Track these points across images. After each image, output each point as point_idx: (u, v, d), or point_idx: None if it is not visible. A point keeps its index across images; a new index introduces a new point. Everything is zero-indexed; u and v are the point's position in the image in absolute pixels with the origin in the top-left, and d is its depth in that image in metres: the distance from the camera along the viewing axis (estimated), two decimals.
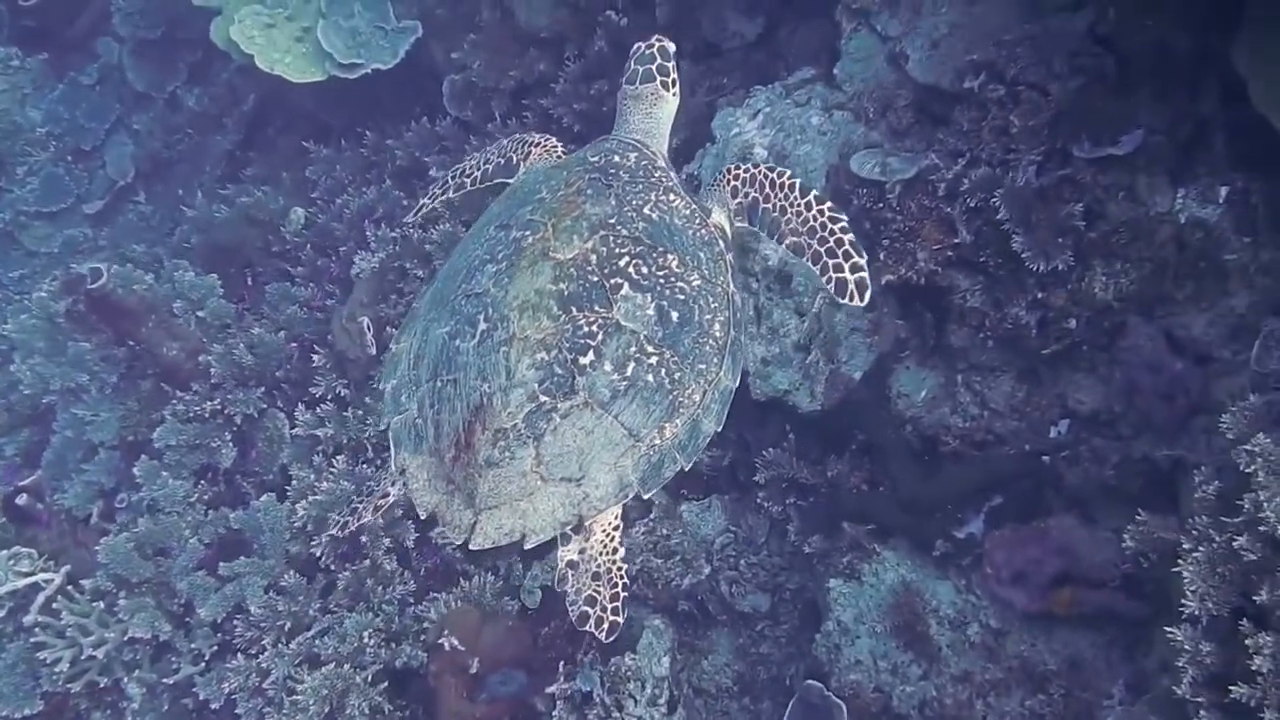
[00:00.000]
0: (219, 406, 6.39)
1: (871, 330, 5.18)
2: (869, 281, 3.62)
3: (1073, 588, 4.60)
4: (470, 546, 3.32)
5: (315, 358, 6.28)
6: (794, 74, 5.75)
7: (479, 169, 4.37)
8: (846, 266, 3.64)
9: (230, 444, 6.39)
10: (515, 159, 4.26)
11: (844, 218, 3.70)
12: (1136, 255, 4.65)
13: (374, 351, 6.07)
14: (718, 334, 3.54)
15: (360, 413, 6.08)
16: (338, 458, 6.03)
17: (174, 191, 9.26)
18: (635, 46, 4.15)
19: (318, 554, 5.68)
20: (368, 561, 5.64)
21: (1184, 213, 4.67)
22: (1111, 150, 4.68)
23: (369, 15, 7.43)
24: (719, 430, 3.52)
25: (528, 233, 3.54)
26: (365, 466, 5.97)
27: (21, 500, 6.07)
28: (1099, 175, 4.72)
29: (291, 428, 6.31)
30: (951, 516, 5.00)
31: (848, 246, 3.66)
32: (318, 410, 6.20)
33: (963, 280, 4.94)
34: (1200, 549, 3.83)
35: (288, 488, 6.08)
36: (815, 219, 3.72)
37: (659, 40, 4.13)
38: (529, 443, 3.28)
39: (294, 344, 6.55)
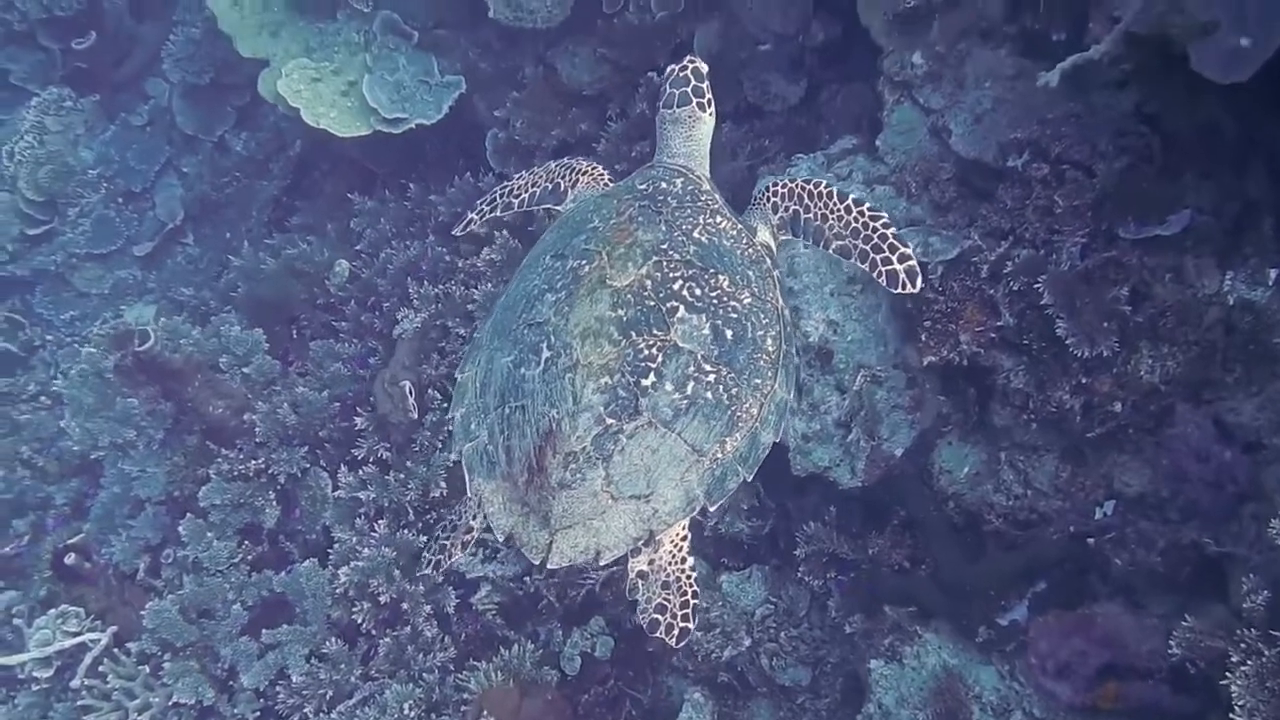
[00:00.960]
0: (263, 465, 6.45)
1: (913, 407, 5.13)
2: (918, 269, 3.74)
3: (1118, 682, 4.53)
4: (549, 565, 3.43)
5: (358, 420, 6.30)
6: (836, 142, 5.72)
7: (527, 191, 4.48)
8: (895, 258, 3.77)
9: (274, 503, 6.45)
10: (563, 185, 4.38)
11: (884, 214, 3.82)
12: (1184, 338, 4.58)
13: (415, 415, 6.10)
14: (770, 349, 3.65)
15: (402, 476, 6.10)
16: (379, 522, 6.06)
17: (221, 234, 9.37)
18: (669, 69, 4.23)
19: (359, 620, 5.70)
20: (409, 628, 5.66)
21: (1232, 295, 4.59)
22: (1158, 231, 4.61)
23: (413, 69, 7.48)
24: (777, 440, 3.62)
25: (584, 261, 3.64)
26: (406, 531, 6.00)
27: (70, 559, 6.16)
28: (1145, 256, 4.65)
29: (334, 488, 6.34)
30: (994, 602, 4.94)
31: (892, 240, 3.79)
32: (360, 473, 6.23)
33: (1006, 360, 4.88)
34: (1249, 662, 3.76)
35: (330, 551, 6.11)
36: (856, 220, 3.86)
37: (692, 61, 4.20)
38: (598, 464, 3.38)
39: (337, 403, 6.57)
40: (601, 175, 4.39)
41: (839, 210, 3.89)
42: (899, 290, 3.75)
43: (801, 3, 6.26)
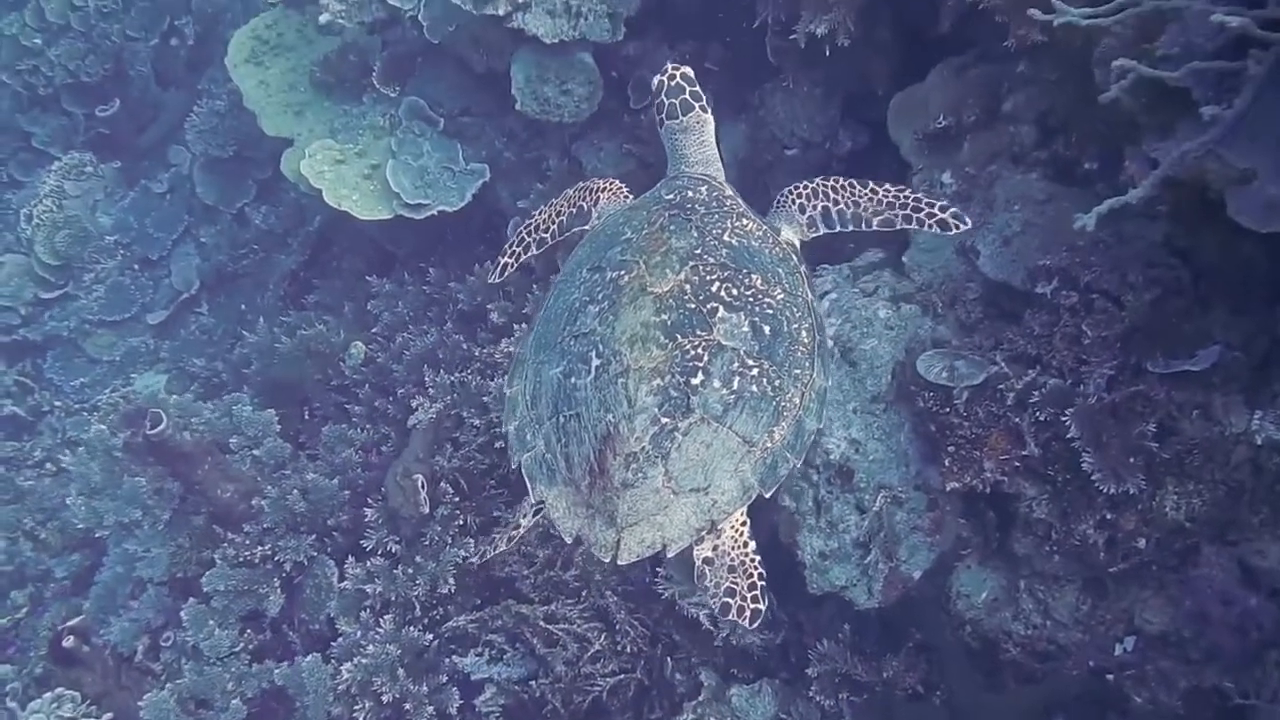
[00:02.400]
0: (269, 552, 6.37)
1: (933, 529, 5.07)
2: (960, 211, 4.26)
3: None
4: (619, 562, 3.62)
5: (368, 511, 6.23)
6: (862, 254, 5.70)
7: (554, 222, 4.67)
8: (937, 209, 4.27)
9: (279, 590, 6.37)
10: (586, 206, 4.59)
11: (905, 187, 4.32)
12: (1210, 477, 4.52)
13: (426, 510, 6.04)
14: (805, 340, 3.90)
15: (410, 571, 6.02)
16: (385, 616, 5.97)
17: (237, 305, 9.37)
18: (657, 82, 4.43)
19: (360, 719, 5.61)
20: None
21: (1260, 434, 4.52)
22: (1186, 366, 4.56)
23: (438, 155, 7.50)
24: (820, 427, 3.91)
25: (623, 272, 3.85)
26: (412, 629, 5.91)
27: (68, 642, 6.06)
28: (1173, 391, 4.60)
29: (340, 579, 6.26)
30: None
31: (926, 200, 4.28)
32: (368, 564, 6.16)
33: (1029, 488, 4.82)
34: None
35: (333, 644, 6.03)
36: (886, 195, 4.32)
37: (675, 67, 4.43)
38: (658, 462, 3.58)
39: (347, 491, 6.51)
40: (620, 189, 4.61)
41: (865, 194, 4.32)
42: (954, 232, 4.26)
43: (829, 110, 6.28)
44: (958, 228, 4.23)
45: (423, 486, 6.05)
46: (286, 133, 8.03)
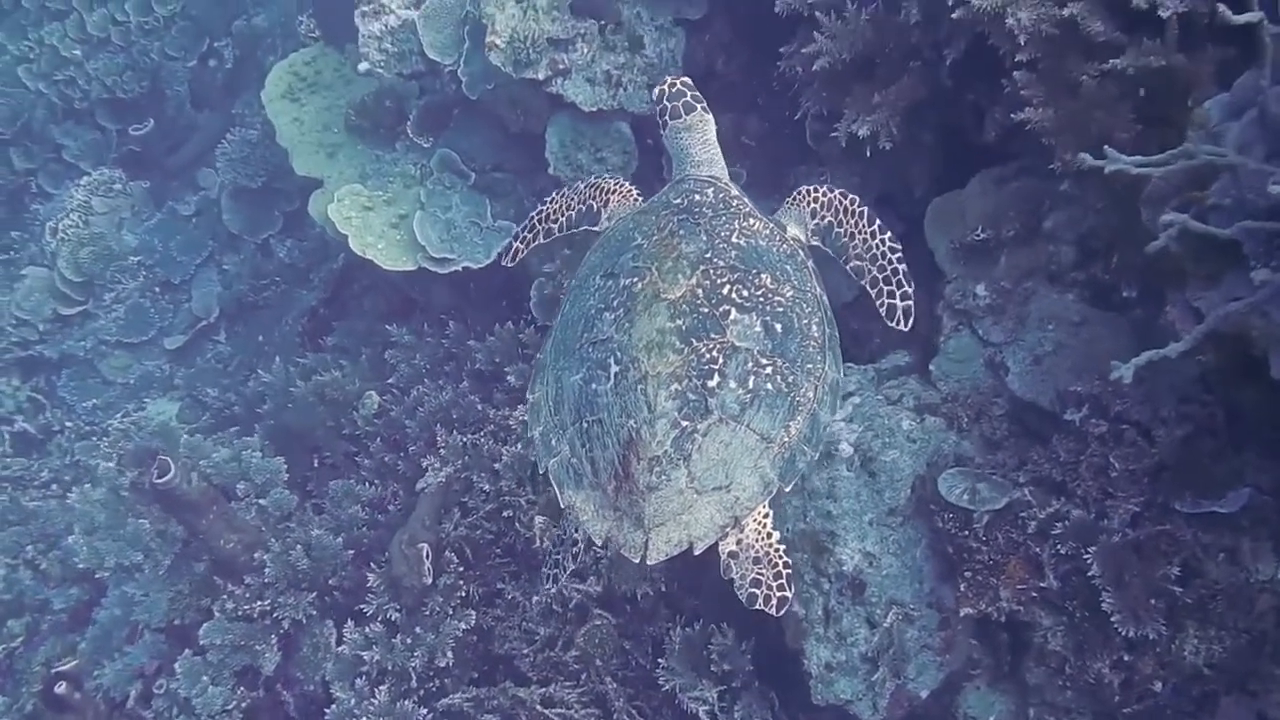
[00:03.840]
0: (268, 608, 6.28)
1: (944, 648, 4.97)
2: (913, 310, 4.22)
3: None
4: (649, 561, 3.69)
5: (370, 576, 6.14)
6: (888, 356, 5.63)
7: (562, 215, 4.74)
8: (898, 295, 4.24)
9: (275, 648, 6.27)
10: (595, 206, 4.65)
11: (899, 248, 4.28)
12: (1233, 624, 4.42)
13: (429, 581, 5.96)
14: (816, 334, 3.97)
15: (409, 641, 5.92)
16: (381, 687, 5.88)
17: (254, 337, 9.32)
18: (658, 91, 4.54)
19: None
20: None
21: None
22: (1215, 507, 4.46)
23: (466, 209, 7.43)
24: (835, 418, 4.12)
25: (635, 279, 3.92)
26: (407, 701, 5.82)
27: (60, 688, 5.99)
28: (1200, 532, 4.51)
29: (338, 642, 6.17)
30: None
31: (900, 277, 4.24)
32: (366, 630, 6.07)
33: (1045, 618, 4.73)
34: None
35: (326, 710, 5.94)
36: (878, 248, 4.30)
37: (676, 77, 4.56)
38: (680, 464, 3.66)
39: (351, 550, 6.43)
40: (630, 192, 4.67)
41: (865, 234, 4.33)
42: (892, 324, 4.21)
43: (864, 199, 6.17)
44: (899, 325, 4.24)
45: (427, 556, 5.97)
46: (317, 173, 7.98)
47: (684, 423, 3.68)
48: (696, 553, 3.74)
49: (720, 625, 5.63)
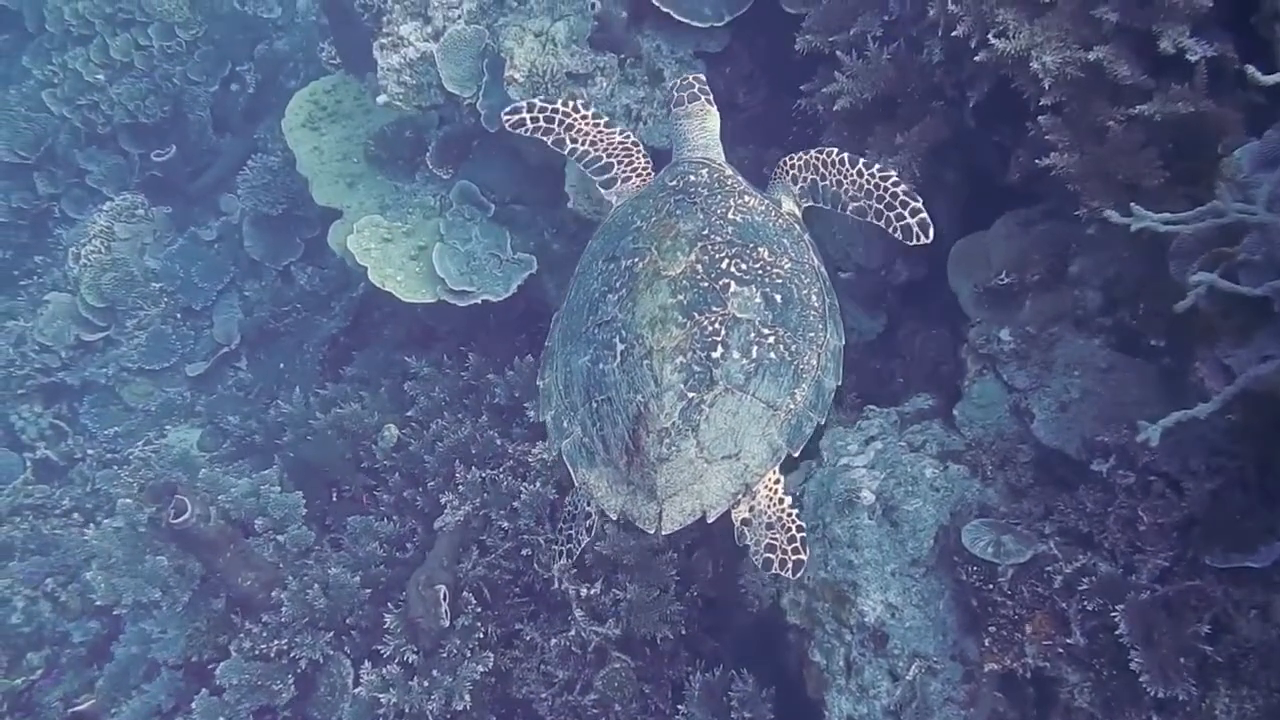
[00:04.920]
0: (285, 647, 6.24)
1: (968, 702, 4.86)
2: (929, 220, 4.28)
3: None
4: (663, 531, 3.85)
5: (387, 617, 6.09)
6: (911, 400, 5.54)
7: (583, 145, 4.89)
8: (907, 213, 4.30)
9: (291, 688, 6.22)
10: (617, 173, 4.86)
11: (893, 173, 4.36)
12: (1265, 684, 4.29)
13: (447, 623, 5.90)
14: (816, 304, 4.10)
15: (426, 684, 5.87)
16: None
17: (276, 364, 9.30)
18: (671, 85, 5.03)
19: None
20: None
21: None
22: (1247, 562, 4.35)
23: (486, 241, 7.37)
24: (839, 384, 4.13)
25: (636, 259, 4.07)
26: None
27: None
28: (1230, 588, 4.39)
29: (355, 682, 6.13)
30: None
31: (903, 197, 4.31)
32: (383, 672, 6.01)
33: (1071, 674, 4.61)
34: None
35: None
36: (869, 182, 4.37)
37: (688, 76, 4.90)
38: (689, 435, 3.78)
39: (368, 589, 6.38)
40: (649, 178, 4.82)
41: (852, 174, 4.39)
42: (914, 243, 4.31)
43: (886, 239, 6.09)
44: (919, 239, 4.31)
45: (444, 598, 5.91)
46: (336, 203, 7.96)
47: (690, 394, 3.78)
48: (710, 520, 3.86)
49: (741, 671, 5.56)
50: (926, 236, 4.29)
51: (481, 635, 6.03)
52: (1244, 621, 4.38)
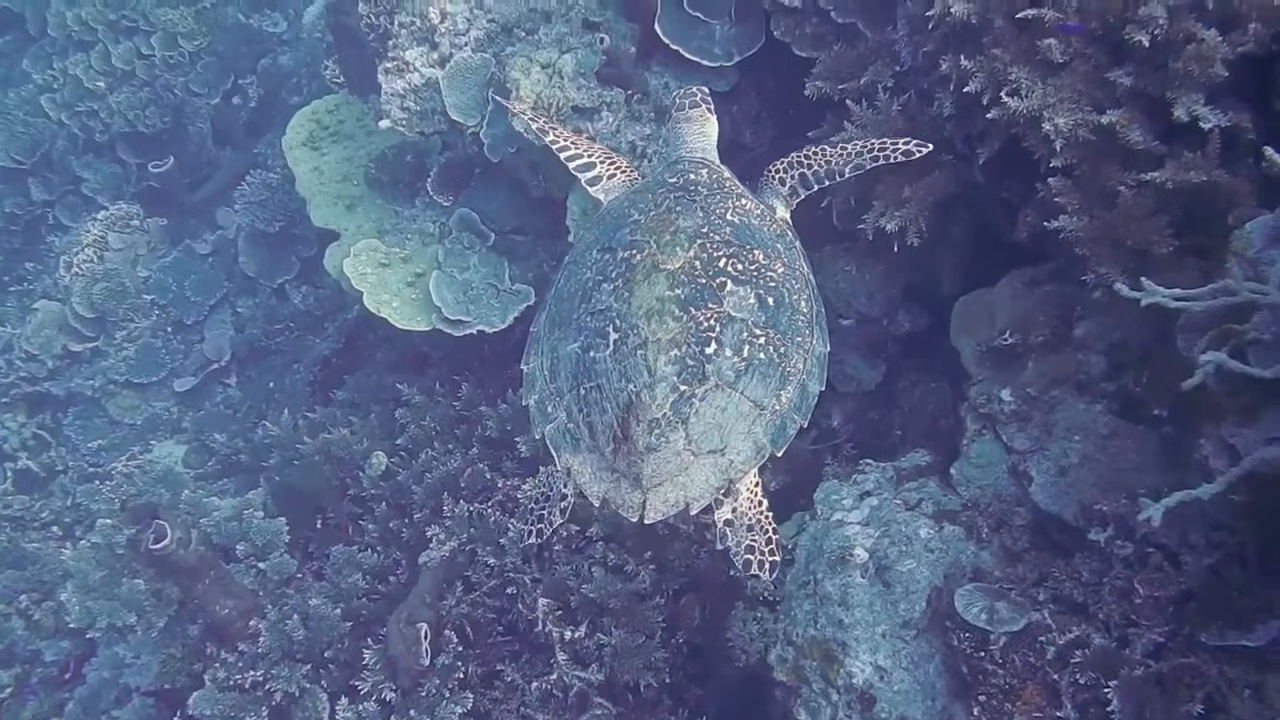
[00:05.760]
0: (261, 679, 6.12)
1: None
2: (917, 145, 4.60)
3: None
4: (646, 520, 3.84)
5: (366, 653, 5.98)
6: (908, 455, 5.46)
7: (576, 149, 5.01)
8: (900, 145, 4.63)
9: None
10: (602, 171, 4.92)
11: (871, 140, 4.66)
12: None
13: (426, 663, 5.79)
14: (805, 310, 4.17)
15: None
16: None
17: (265, 383, 9.22)
18: (674, 95, 5.10)
19: None
20: None
21: None
22: (1243, 641, 4.27)
23: (484, 270, 7.30)
24: (823, 390, 4.17)
25: (634, 251, 4.09)
26: None
27: None
28: (1225, 666, 4.30)
29: (331, 718, 6.01)
30: None
31: (888, 142, 4.64)
32: (359, 709, 5.91)
33: None
34: None
35: None
36: (853, 147, 4.65)
37: (692, 87, 5.07)
38: (678, 426, 3.81)
39: (349, 622, 6.27)
40: (634, 177, 4.92)
41: (834, 152, 4.64)
42: (919, 153, 4.60)
43: (891, 289, 6.05)
44: (919, 152, 4.60)
45: (425, 637, 5.81)
46: (335, 225, 7.89)
47: (682, 387, 3.81)
48: (693, 513, 3.91)
49: None
50: (920, 151, 4.61)
51: (462, 675, 5.93)
52: (1238, 702, 4.30)
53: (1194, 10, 4.28)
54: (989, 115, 4.66)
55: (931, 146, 4.61)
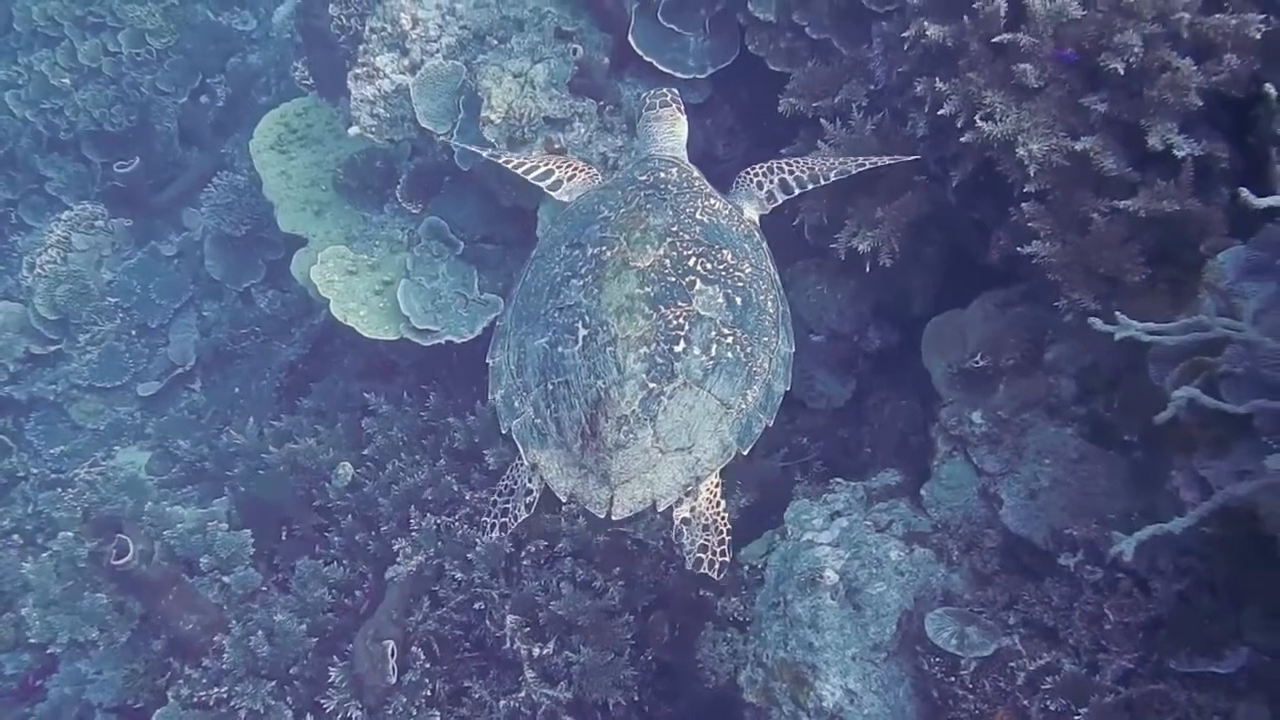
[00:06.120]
0: (225, 695, 6.04)
1: None
2: (890, 158, 4.79)
3: None
4: (614, 516, 3.91)
5: (332, 671, 5.91)
6: (878, 475, 5.45)
7: (530, 163, 5.22)
8: (883, 160, 4.81)
9: None
10: (560, 176, 5.06)
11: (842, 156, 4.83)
12: None
13: (393, 681, 5.73)
14: (771, 310, 4.26)
15: None
16: None
17: (230, 388, 9.11)
18: (643, 96, 5.21)
19: None
20: None
21: None
22: (1212, 668, 4.28)
23: (453, 280, 7.23)
24: (788, 389, 4.27)
25: (604, 248, 4.14)
26: None
27: None
28: (1194, 693, 4.31)
29: None
30: None
31: (862, 160, 4.83)
32: None
33: None
34: None
35: None
36: (831, 160, 4.82)
37: (662, 88, 5.17)
38: (647, 424, 3.88)
39: (314, 638, 6.20)
40: (594, 174, 5.06)
41: (814, 161, 4.80)
42: (905, 161, 4.84)
43: (861, 305, 6.03)
44: (906, 159, 4.80)
45: (392, 654, 5.75)
46: (302, 231, 7.79)
47: (651, 384, 3.88)
48: (659, 510, 3.98)
49: None
50: (898, 157, 4.81)
51: (429, 692, 5.86)
52: None
53: (1169, 39, 4.27)
54: (963, 139, 4.65)
55: (919, 156, 4.84)
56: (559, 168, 5.02)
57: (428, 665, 5.93)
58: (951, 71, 4.75)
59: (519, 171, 5.21)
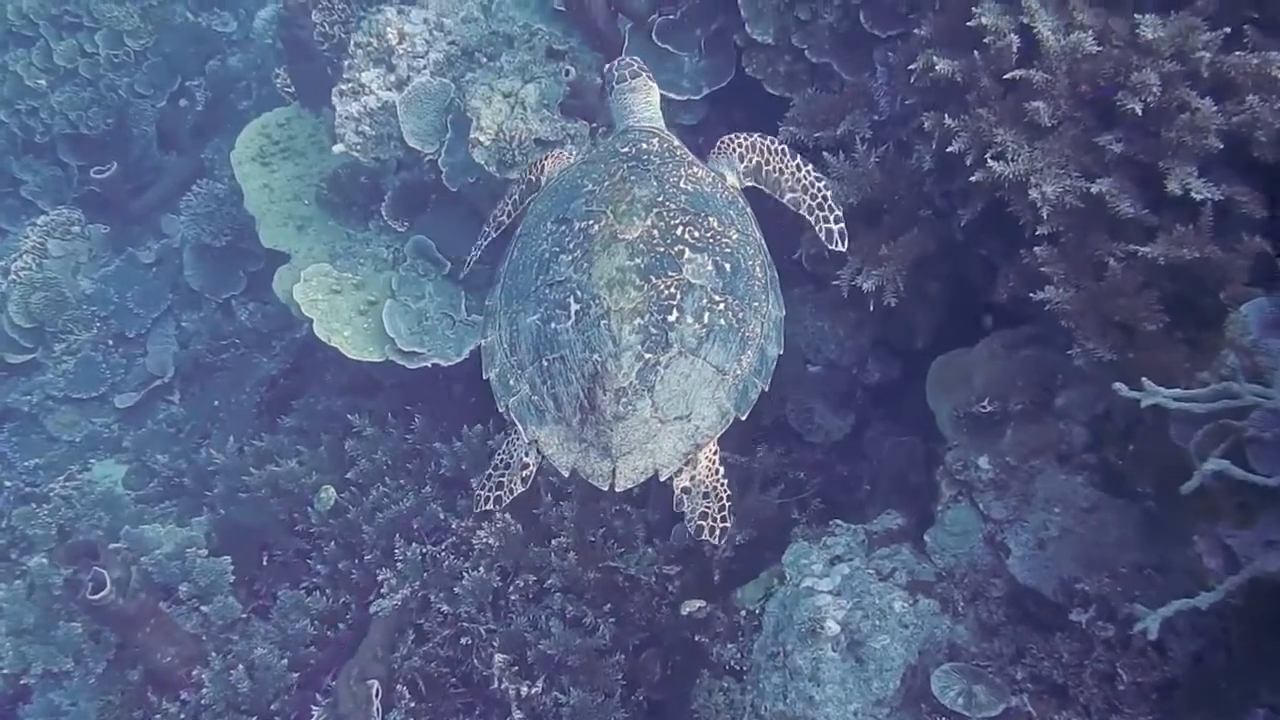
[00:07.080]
0: None
1: None
2: (845, 231, 4.64)
3: None
4: (616, 489, 3.93)
5: (315, 710, 5.74)
6: (879, 518, 5.30)
7: (509, 203, 5.08)
8: (832, 219, 4.65)
9: None
10: (535, 177, 4.91)
11: (824, 178, 4.68)
12: None
13: None
14: (759, 275, 4.25)
15: None
16: None
17: (210, 401, 8.88)
18: (607, 68, 5.04)
19: None
20: None
21: None
22: None
23: (439, 300, 7.04)
24: (782, 353, 4.26)
25: (591, 222, 4.12)
26: None
27: None
28: None
29: None
30: None
31: (830, 203, 4.65)
32: None
33: None
34: None
35: None
36: (805, 178, 4.66)
37: (625, 57, 5.09)
38: (645, 395, 3.89)
39: (296, 673, 6.03)
40: (563, 154, 4.95)
41: (791, 167, 4.65)
42: (832, 247, 4.64)
43: (860, 337, 5.88)
44: (837, 245, 4.66)
45: (376, 695, 5.59)
46: (284, 247, 7.56)
47: (647, 355, 3.88)
48: (662, 479, 3.98)
49: None
50: (843, 246, 4.63)
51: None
52: None
53: (1188, 78, 4.12)
54: (973, 178, 4.49)
55: (845, 248, 4.72)
56: (531, 173, 4.95)
57: (413, 704, 5.79)
58: (961, 107, 4.60)
59: (510, 216, 5.14)
